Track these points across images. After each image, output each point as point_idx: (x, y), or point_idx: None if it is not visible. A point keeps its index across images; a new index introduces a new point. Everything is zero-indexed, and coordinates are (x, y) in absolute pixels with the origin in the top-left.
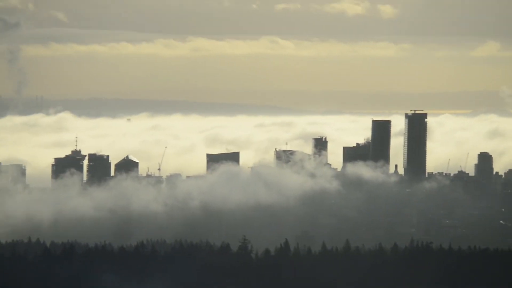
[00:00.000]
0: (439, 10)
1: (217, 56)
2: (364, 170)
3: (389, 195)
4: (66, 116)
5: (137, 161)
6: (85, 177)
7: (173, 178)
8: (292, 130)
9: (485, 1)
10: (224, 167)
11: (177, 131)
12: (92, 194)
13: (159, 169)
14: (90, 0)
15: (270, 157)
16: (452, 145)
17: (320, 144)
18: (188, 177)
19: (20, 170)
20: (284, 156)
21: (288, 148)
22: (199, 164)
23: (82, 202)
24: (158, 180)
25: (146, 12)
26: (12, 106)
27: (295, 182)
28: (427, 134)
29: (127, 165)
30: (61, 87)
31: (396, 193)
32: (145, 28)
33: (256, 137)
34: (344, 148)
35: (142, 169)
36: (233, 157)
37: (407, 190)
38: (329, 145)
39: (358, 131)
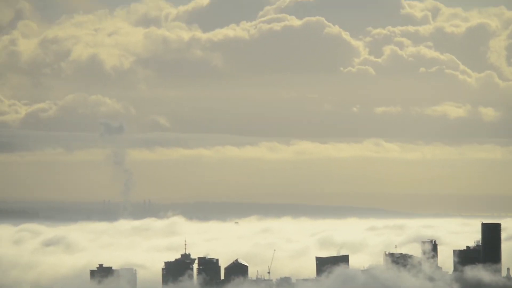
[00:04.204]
0: None
1: (321, 159)
2: (479, 274)
3: None
4: (178, 220)
5: (246, 264)
6: (195, 281)
7: (283, 282)
8: (405, 233)
9: None
10: (337, 270)
11: (289, 234)
12: None
13: (268, 273)
14: (190, 104)
15: (381, 260)
16: None
17: (431, 247)
18: (297, 280)
19: (132, 274)
20: (395, 259)
21: (397, 251)
22: (309, 267)
23: None
24: (268, 284)
25: (250, 117)
26: (122, 210)
27: (413, 286)
28: None
29: (237, 269)
30: (168, 190)
31: None
32: (249, 132)
33: (369, 240)
34: (454, 251)
35: (251, 273)
36: (343, 260)
37: None
38: (439, 248)
39: (468, 234)
